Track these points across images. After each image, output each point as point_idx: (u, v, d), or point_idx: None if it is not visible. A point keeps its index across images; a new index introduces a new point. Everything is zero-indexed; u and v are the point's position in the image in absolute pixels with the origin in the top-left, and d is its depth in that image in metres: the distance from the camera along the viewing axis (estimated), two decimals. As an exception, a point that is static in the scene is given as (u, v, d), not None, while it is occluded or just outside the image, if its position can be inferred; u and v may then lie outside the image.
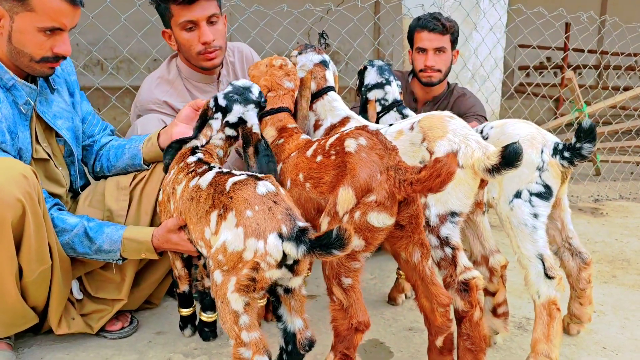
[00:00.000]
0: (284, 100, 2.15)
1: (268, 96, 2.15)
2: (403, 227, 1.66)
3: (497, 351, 2.16)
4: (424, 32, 2.97)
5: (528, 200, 1.99)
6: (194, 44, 2.45)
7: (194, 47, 2.46)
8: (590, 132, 1.96)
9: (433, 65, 2.98)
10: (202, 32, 2.43)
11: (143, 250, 2.01)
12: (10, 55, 1.93)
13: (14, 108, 1.97)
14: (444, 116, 1.95)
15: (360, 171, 1.61)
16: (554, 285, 1.95)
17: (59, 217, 1.98)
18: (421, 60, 3.00)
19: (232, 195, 1.60)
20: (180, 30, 2.44)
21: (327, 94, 2.32)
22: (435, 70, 2.99)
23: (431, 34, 2.95)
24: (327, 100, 2.31)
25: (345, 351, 1.64)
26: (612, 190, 5.00)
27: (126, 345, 2.15)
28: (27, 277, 1.86)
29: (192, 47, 2.46)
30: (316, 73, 2.32)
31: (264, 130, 2.13)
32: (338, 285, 1.65)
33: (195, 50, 2.46)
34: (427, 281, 1.73)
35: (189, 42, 2.45)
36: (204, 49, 2.46)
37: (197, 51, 2.46)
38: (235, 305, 1.53)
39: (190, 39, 2.45)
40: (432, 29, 2.94)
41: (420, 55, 3.01)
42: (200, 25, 2.42)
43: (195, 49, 2.46)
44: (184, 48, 2.49)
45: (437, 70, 3.00)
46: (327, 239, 1.42)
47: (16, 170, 1.78)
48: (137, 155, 2.23)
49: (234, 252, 1.53)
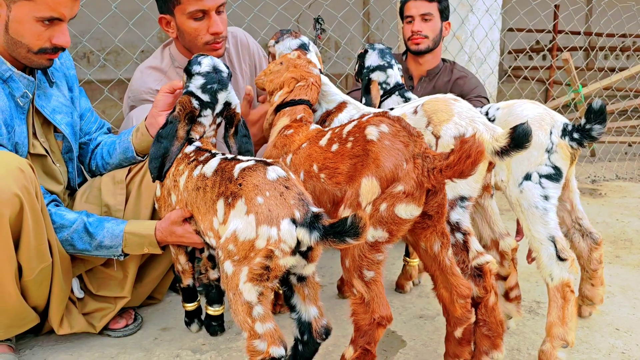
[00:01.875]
0: (307, 92, 2.05)
1: (297, 86, 2.06)
2: (430, 217, 1.60)
3: (511, 336, 2.13)
4: (410, 2, 3.00)
5: (538, 182, 1.95)
6: (202, 34, 2.36)
7: (201, 36, 2.37)
8: (600, 113, 1.92)
9: (419, 30, 2.96)
10: (212, 22, 2.34)
11: (146, 245, 1.94)
12: (7, 46, 1.85)
13: (10, 100, 1.90)
14: (448, 99, 1.90)
15: (385, 160, 1.53)
16: (566, 267, 1.91)
17: (57, 213, 1.91)
18: (408, 28, 3.01)
19: (241, 182, 1.54)
20: (188, 19, 2.34)
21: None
22: (422, 36, 2.97)
23: (417, 2, 2.98)
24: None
25: (366, 346, 1.58)
26: (609, 171, 5.00)
27: (131, 343, 2.10)
28: (27, 275, 1.79)
29: (199, 36, 2.37)
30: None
31: (279, 120, 2.06)
32: (359, 278, 1.58)
33: (202, 40, 2.37)
34: (447, 272, 1.67)
35: (197, 31, 2.36)
36: (213, 39, 2.38)
37: (205, 41, 2.37)
38: (248, 296, 1.48)
39: (199, 28, 2.35)
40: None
41: (408, 25, 3.01)
42: (211, 15, 2.33)
43: (202, 38, 2.37)
44: (190, 37, 2.39)
45: (424, 37, 2.98)
46: (341, 226, 1.37)
47: (12, 164, 1.70)
48: (128, 148, 2.17)
49: (245, 240, 1.47)
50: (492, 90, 4.21)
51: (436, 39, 3.02)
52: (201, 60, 1.93)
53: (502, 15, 4.18)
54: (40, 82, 2.03)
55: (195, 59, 1.95)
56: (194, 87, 1.90)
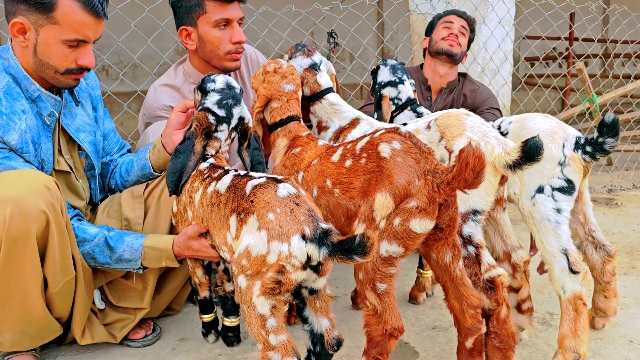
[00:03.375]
0: (289, 108, 2.10)
1: (272, 107, 2.10)
2: (442, 230, 1.63)
3: (524, 348, 2.14)
4: (452, 16, 3.09)
5: (550, 195, 1.98)
6: (224, 43, 2.45)
7: (223, 46, 2.45)
8: (613, 127, 1.94)
9: (457, 34, 3.00)
10: (235, 32, 2.44)
11: (164, 259, 2.00)
12: (36, 67, 1.94)
13: (38, 119, 1.98)
14: (460, 114, 1.94)
15: (398, 177, 1.58)
16: (579, 280, 1.93)
17: (80, 227, 1.98)
18: (446, 31, 3.02)
19: (252, 199, 1.60)
20: (212, 28, 2.43)
21: (324, 98, 2.25)
22: (457, 42, 2.99)
23: (458, 18, 3.08)
24: (326, 104, 2.24)
25: (378, 357, 1.62)
26: (626, 180, 4.97)
27: (150, 353, 2.15)
28: (52, 288, 1.86)
29: (221, 45, 2.45)
30: (307, 79, 2.25)
31: (276, 141, 2.11)
32: (372, 291, 1.63)
33: (224, 49, 2.46)
34: (458, 282, 1.71)
35: (220, 40, 2.44)
36: (235, 49, 2.47)
37: (227, 51, 2.46)
38: (261, 309, 1.53)
39: (222, 37, 2.44)
40: (461, 15, 3.10)
41: (445, 29, 3.03)
42: (233, 24, 2.43)
43: (225, 48, 2.45)
44: (212, 47, 2.46)
45: (459, 43, 3.00)
46: (349, 244, 1.42)
47: (39, 181, 1.78)
48: (145, 165, 2.24)
49: (257, 256, 1.52)
50: (506, 101, 4.22)
51: (461, 55, 3.05)
52: (215, 78, 2.02)
53: (514, 25, 4.19)
54: (66, 101, 2.11)
55: (208, 77, 2.03)
56: (209, 103, 1.97)
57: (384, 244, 1.59)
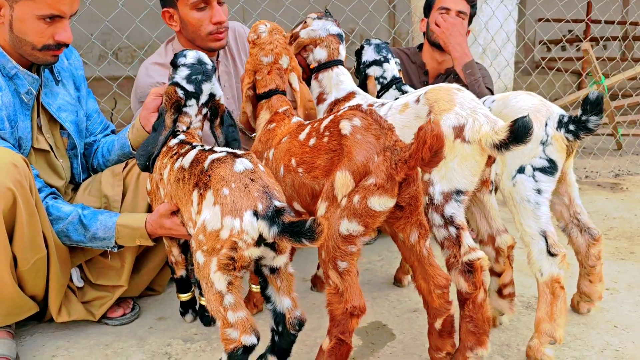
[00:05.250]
0: (269, 81, 2.06)
1: (256, 79, 2.07)
2: (402, 208, 1.59)
3: (503, 332, 2.10)
4: None
5: (531, 175, 1.92)
6: (205, 24, 2.41)
7: (204, 27, 2.42)
8: (597, 104, 1.87)
9: (454, 22, 2.90)
10: (215, 11, 2.40)
11: (137, 237, 2.00)
12: (13, 44, 1.94)
13: (15, 97, 1.98)
14: (451, 88, 1.86)
15: (357, 154, 1.54)
16: (557, 262, 1.88)
17: (54, 206, 1.98)
18: (442, 18, 2.93)
19: (210, 173, 1.58)
20: (191, 10, 2.39)
21: (337, 67, 2.24)
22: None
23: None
24: (335, 73, 2.23)
25: (340, 336, 1.59)
26: (634, 165, 4.84)
27: (127, 331, 2.16)
28: (22, 266, 1.87)
29: (202, 27, 2.42)
30: (329, 43, 2.23)
31: (260, 113, 2.08)
32: (334, 269, 1.60)
33: (205, 30, 2.42)
34: (425, 262, 1.67)
35: (200, 21, 2.41)
36: (216, 29, 2.43)
37: (208, 31, 2.42)
38: (218, 286, 1.52)
39: (202, 18, 2.40)
40: None
41: (440, 16, 2.94)
42: (213, 4, 2.39)
43: (205, 29, 2.42)
44: (193, 28, 2.44)
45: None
46: (299, 227, 1.41)
47: (6, 159, 1.78)
48: (125, 144, 2.24)
49: (212, 231, 1.51)
50: (508, 83, 4.13)
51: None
52: (186, 53, 2.00)
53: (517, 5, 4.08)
54: (47, 80, 2.11)
55: (181, 52, 2.01)
56: (179, 77, 1.95)
57: (344, 222, 1.55)
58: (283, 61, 2.08)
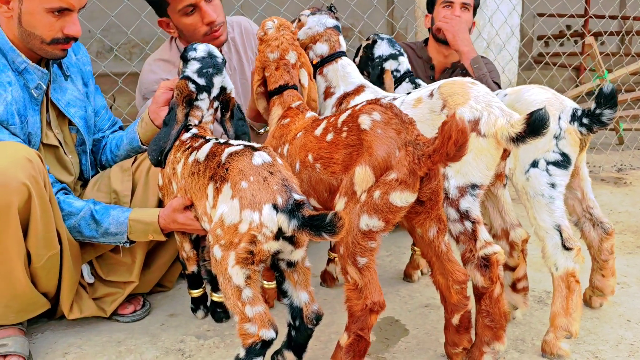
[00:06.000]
0: (278, 77, 2.04)
1: (266, 76, 2.06)
2: (423, 203, 1.58)
3: (517, 326, 2.10)
4: None
5: (545, 169, 1.91)
6: (199, 27, 2.39)
7: (198, 29, 2.39)
8: (611, 98, 1.86)
9: (460, 17, 2.89)
10: (204, 12, 2.36)
11: (150, 232, 1.98)
12: (22, 38, 1.92)
13: (24, 92, 1.97)
14: (465, 82, 1.84)
15: (378, 148, 1.53)
16: (572, 256, 1.87)
17: (65, 201, 1.97)
18: (446, 10, 2.93)
19: (227, 166, 1.57)
20: (181, 17, 2.37)
21: (340, 58, 2.22)
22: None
23: None
24: (340, 65, 2.21)
25: (359, 332, 1.58)
26: (636, 159, 4.85)
27: (139, 328, 2.14)
28: (36, 262, 1.85)
29: (196, 30, 2.40)
30: (329, 36, 2.21)
31: (272, 109, 2.07)
32: (353, 265, 1.58)
33: (200, 32, 2.40)
34: (443, 258, 1.66)
35: (193, 25, 2.39)
36: (210, 30, 2.40)
37: (203, 33, 2.40)
38: (237, 280, 1.51)
39: (194, 22, 2.38)
40: None
41: (445, 10, 2.93)
42: (200, 6, 2.35)
43: (200, 31, 2.40)
44: (188, 33, 2.42)
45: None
46: (320, 220, 1.40)
47: (20, 154, 1.76)
48: (134, 138, 2.22)
49: (230, 224, 1.50)
50: (512, 77, 4.12)
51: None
52: (197, 46, 1.99)
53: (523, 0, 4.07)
54: (56, 75, 2.09)
55: (191, 46, 2.01)
56: (190, 71, 1.94)
57: (364, 218, 1.54)
58: (290, 56, 2.06)
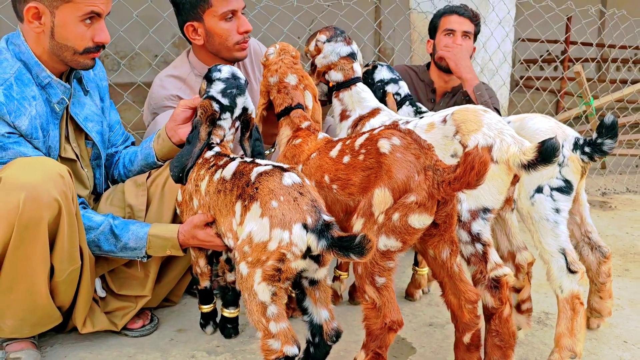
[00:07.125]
0: (280, 99, 2.12)
1: (272, 98, 2.15)
2: (437, 225, 1.65)
3: (520, 346, 2.16)
4: (453, 16, 3.02)
5: (549, 195, 2.00)
6: (233, 34, 2.49)
7: (232, 37, 2.49)
8: (612, 128, 1.96)
9: (461, 45, 2.97)
10: (241, 21, 2.49)
11: (168, 247, 2.01)
12: (53, 51, 1.95)
13: (47, 106, 1.99)
14: (478, 110, 1.93)
15: (397, 172, 1.59)
16: (576, 279, 1.95)
17: (85, 216, 1.98)
18: (448, 41, 3.01)
19: (257, 186, 1.62)
20: (219, 21, 2.46)
21: (355, 85, 2.31)
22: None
23: (461, 18, 3.01)
24: (354, 92, 2.31)
25: (377, 350, 1.64)
26: (619, 184, 5.02)
27: (148, 343, 2.15)
28: (58, 277, 1.87)
29: (230, 37, 2.49)
30: (342, 65, 2.30)
31: (280, 130, 2.14)
32: (371, 285, 1.64)
33: (233, 40, 2.50)
34: (455, 278, 1.73)
35: (228, 32, 2.48)
36: (242, 39, 2.51)
37: (236, 41, 2.50)
38: (262, 297, 1.55)
39: (230, 29, 2.48)
40: (462, 14, 3.01)
41: (446, 38, 3.02)
42: (239, 15, 2.47)
43: (233, 39, 2.50)
44: (220, 39, 2.50)
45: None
46: (349, 242, 1.44)
47: (53, 170, 1.79)
48: (150, 154, 2.25)
49: (259, 242, 1.54)
50: (504, 102, 4.24)
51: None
52: (221, 67, 2.06)
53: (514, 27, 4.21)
54: (75, 90, 2.12)
55: (215, 67, 2.07)
56: (214, 91, 2.00)
57: (383, 239, 1.60)
58: (289, 79, 2.14)
